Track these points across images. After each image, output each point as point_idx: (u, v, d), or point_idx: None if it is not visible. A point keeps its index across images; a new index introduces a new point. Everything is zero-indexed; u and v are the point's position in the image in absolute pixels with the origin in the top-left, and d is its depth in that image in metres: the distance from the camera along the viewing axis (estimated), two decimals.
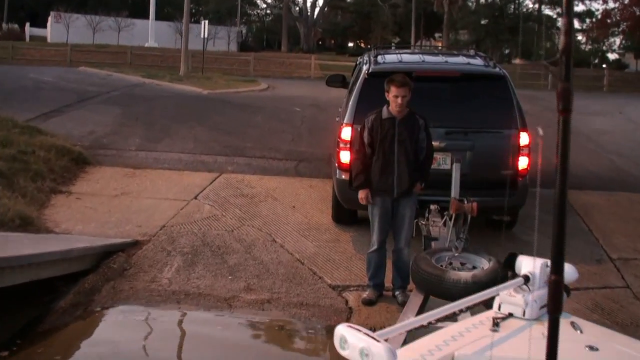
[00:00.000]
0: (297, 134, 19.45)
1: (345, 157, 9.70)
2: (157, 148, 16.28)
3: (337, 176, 10.11)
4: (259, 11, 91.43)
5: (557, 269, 1.43)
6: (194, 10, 78.23)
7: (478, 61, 11.01)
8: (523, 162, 9.88)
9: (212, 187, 12.96)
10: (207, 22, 44.97)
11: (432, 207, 8.59)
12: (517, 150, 9.81)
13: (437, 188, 8.62)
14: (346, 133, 9.79)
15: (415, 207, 8.42)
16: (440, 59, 11.77)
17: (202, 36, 43.24)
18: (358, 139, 8.45)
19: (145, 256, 9.52)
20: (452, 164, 8.88)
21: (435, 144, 8.77)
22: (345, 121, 9.95)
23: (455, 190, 8.16)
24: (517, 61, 67.09)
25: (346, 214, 10.75)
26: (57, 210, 11.35)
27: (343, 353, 2.76)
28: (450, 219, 7.75)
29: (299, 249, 10.01)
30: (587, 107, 29.10)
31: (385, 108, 8.22)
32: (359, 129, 8.59)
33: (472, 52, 12.18)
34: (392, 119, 8.16)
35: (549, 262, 3.04)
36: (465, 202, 7.79)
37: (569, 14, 1.10)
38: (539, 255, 3.61)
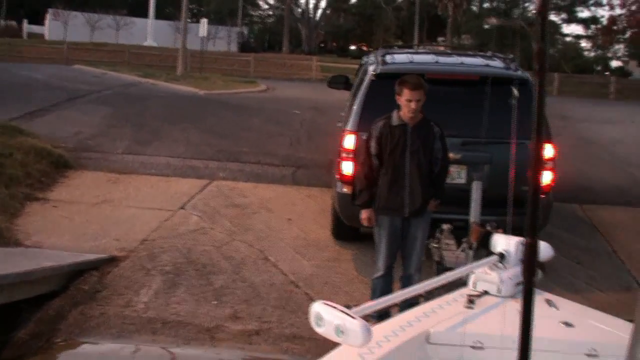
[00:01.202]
0: (296, 138, 18.51)
1: (347, 168, 8.68)
2: (146, 151, 15.29)
3: (338, 189, 9.09)
4: (261, 12, 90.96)
5: (531, 232, 1.36)
6: (195, 11, 77.75)
7: (497, 63, 9.98)
8: (547, 177, 8.89)
9: (202, 195, 11.97)
10: (206, 21, 44.22)
11: (445, 227, 7.49)
12: (541, 164, 8.78)
13: (450, 205, 7.57)
14: (349, 141, 8.76)
15: (428, 228, 7.41)
16: (455, 59, 10.69)
17: (200, 35, 42.44)
18: (363, 149, 7.44)
19: (121, 275, 8.49)
20: (469, 180, 7.89)
21: (450, 155, 7.75)
22: (348, 128, 8.91)
23: (475, 213, 7.04)
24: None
25: (347, 230, 9.69)
26: (31, 220, 10.33)
27: (319, 330, 2.75)
28: (471, 248, 6.67)
29: (294, 269, 8.99)
30: (598, 114, 28.39)
31: (395, 113, 7.21)
32: (364, 137, 7.57)
33: (489, 53, 11.13)
34: (403, 126, 7.16)
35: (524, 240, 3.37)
36: (489, 227, 6.78)
37: None
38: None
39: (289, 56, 62.02)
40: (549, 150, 8.85)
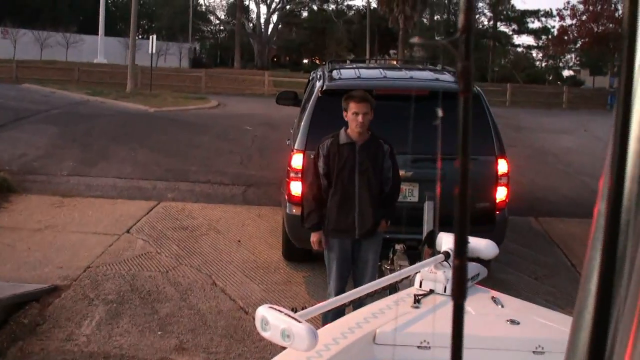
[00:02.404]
0: (247, 155, 18.24)
1: (296, 188, 8.41)
2: (92, 173, 14.94)
3: (288, 211, 8.81)
4: (212, 27, 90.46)
5: (460, 253, 1.11)
6: (146, 27, 77.23)
7: (447, 77, 9.76)
8: (501, 193, 8.72)
9: (148, 218, 11.63)
10: (154, 37, 43.90)
11: (398, 247, 7.24)
12: (495, 180, 8.62)
13: (403, 224, 7.31)
14: (297, 161, 8.48)
15: (379, 250, 7.13)
16: (404, 74, 10.48)
17: (150, 52, 42.06)
18: (311, 169, 7.18)
19: (63, 306, 8.09)
20: (421, 198, 7.64)
21: (401, 173, 7.49)
22: (296, 147, 8.63)
23: (426, 236, 6.82)
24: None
25: (299, 251, 9.40)
26: None
27: (265, 334, 2.72)
28: None
29: (243, 293, 8.66)
30: (551, 124, 28.52)
31: (343, 132, 6.95)
32: (312, 157, 7.29)
33: (439, 66, 10.92)
34: (351, 144, 6.90)
35: (469, 238, 3.03)
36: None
37: None
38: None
39: (240, 71, 61.73)
40: (502, 166, 8.67)
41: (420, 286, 3.80)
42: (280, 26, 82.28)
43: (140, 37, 61.90)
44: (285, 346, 2.72)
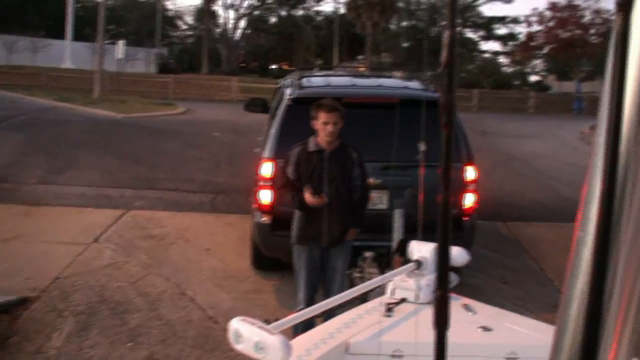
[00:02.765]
0: (215, 162, 18.20)
1: (265, 197, 8.38)
2: (59, 181, 14.82)
3: (257, 219, 8.77)
4: (180, 33, 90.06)
5: (441, 284, 1.18)
6: (114, 32, 76.66)
7: (416, 84, 9.78)
8: (470, 200, 8.74)
9: (116, 227, 11.54)
10: (122, 42, 43.64)
11: (367, 255, 7.23)
12: (463, 186, 8.65)
13: (372, 232, 7.30)
14: (266, 169, 8.45)
15: (348, 258, 7.12)
16: (373, 82, 10.50)
17: (117, 57, 41.81)
18: (282, 176, 7.14)
19: (32, 318, 7.98)
20: (390, 205, 7.65)
21: (370, 181, 7.49)
22: (265, 155, 8.60)
23: (397, 244, 6.80)
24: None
25: (268, 259, 9.37)
26: None
27: (238, 347, 2.69)
28: None
29: (212, 303, 8.60)
30: (518, 129, 28.63)
31: (312, 139, 6.95)
32: (281, 165, 7.27)
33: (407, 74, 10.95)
34: (320, 152, 6.90)
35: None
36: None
37: (452, 26, 1.06)
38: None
39: (208, 77, 61.49)
40: (471, 173, 8.70)
41: (393, 295, 3.78)
42: (248, 31, 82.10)
43: (108, 42, 61.49)
44: (258, 359, 2.67)
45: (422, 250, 3.78)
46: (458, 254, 4.03)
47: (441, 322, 0.99)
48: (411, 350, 3.07)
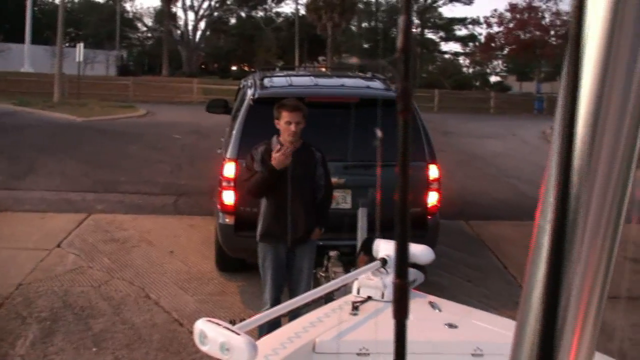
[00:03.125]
0: (177, 164, 18.10)
1: (229, 198, 8.36)
2: (20, 186, 14.66)
3: (220, 220, 8.73)
4: (139, 35, 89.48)
5: (400, 273, 1.08)
6: (73, 34, 76.10)
7: (378, 84, 9.80)
8: (433, 198, 8.79)
9: (79, 231, 11.43)
10: (82, 45, 43.29)
11: (332, 254, 7.23)
12: (426, 185, 8.68)
13: (336, 231, 7.30)
14: (229, 170, 8.42)
15: (313, 257, 7.11)
16: (335, 81, 10.51)
17: (77, 60, 41.47)
18: (247, 171, 7.08)
19: None
20: (354, 204, 7.64)
21: (333, 180, 7.49)
22: (228, 156, 8.57)
23: (362, 243, 6.81)
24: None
25: (232, 261, 9.33)
26: None
27: (203, 349, 2.71)
28: None
29: (177, 305, 8.54)
30: (479, 129, 28.81)
31: (275, 139, 6.92)
32: (244, 164, 7.23)
33: (369, 74, 10.96)
34: None
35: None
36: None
37: (408, 11, 0.96)
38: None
39: (169, 79, 61.23)
40: (433, 171, 8.73)
41: (358, 293, 3.79)
42: (208, 33, 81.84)
43: (67, 45, 60.94)
44: None
45: (386, 248, 3.81)
46: (423, 253, 4.06)
47: (401, 313, 1.08)
48: (377, 348, 3.08)
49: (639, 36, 0.85)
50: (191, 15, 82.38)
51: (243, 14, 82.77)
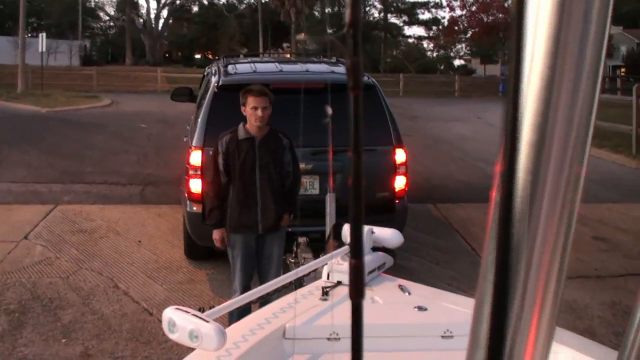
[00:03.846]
0: (143, 154, 18.01)
1: (195, 186, 8.33)
2: None
3: (188, 209, 8.71)
4: (102, 24, 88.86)
5: (356, 253, 0.96)
6: (35, 24, 75.37)
7: (342, 69, 9.80)
8: (400, 182, 8.82)
9: (46, 222, 11.35)
10: (44, 35, 42.86)
11: (301, 240, 7.24)
12: (394, 169, 8.70)
13: (305, 217, 7.30)
14: (196, 158, 8.40)
15: (283, 244, 7.11)
16: (300, 67, 10.50)
17: (40, 50, 41.06)
18: (211, 166, 7.09)
19: None
20: (322, 190, 7.66)
21: (301, 166, 7.50)
22: (194, 144, 8.54)
23: (331, 228, 6.81)
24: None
25: (201, 249, 9.30)
26: None
27: (172, 337, 2.71)
28: None
29: (146, 295, 8.52)
30: (444, 113, 28.90)
31: (241, 127, 6.90)
32: (211, 153, 7.22)
33: (334, 59, 10.95)
34: (251, 139, 6.85)
35: (374, 228, 4.03)
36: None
37: None
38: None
39: (133, 68, 60.92)
40: (400, 155, 8.76)
41: (328, 278, 3.81)
42: (171, 21, 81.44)
43: (29, 35, 60.41)
44: (193, 347, 2.70)
45: None
46: (391, 236, 4.14)
47: (357, 294, 0.97)
48: (347, 333, 3.04)
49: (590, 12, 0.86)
50: (153, 4, 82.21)
51: (205, 1, 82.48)
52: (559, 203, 0.86)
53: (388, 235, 4.20)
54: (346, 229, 4.00)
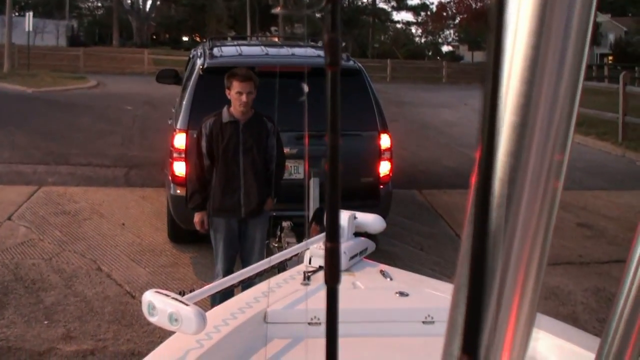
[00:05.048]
0: (128, 136, 17.97)
1: (179, 169, 8.31)
2: None
3: (172, 192, 8.69)
4: (89, 4, 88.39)
5: (332, 237, 0.95)
6: (22, 3, 74.93)
7: None
8: (385, 168, 8.82)
9: (29, 204, 11.30)
10: (31, 14, 42.62)
11: (285, 224, 7.24)
12: (378, 155, 8.70)
13: (289, 201, 7.28)
14: (180, 140, 8.37)
15: (266, 228, 7.10)
16: (285, 51, 10.46)
17: (27, 30, 40.82)
18: (194, 149, 7.08)
19: None
20: (309, 178, 7.62)
21: (285, 150, 7.48)
22: (178, 126, 8.51)
23: (314, 213, 6.80)
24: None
25: (185, 232, 9.26)
26: None
27: (152, 320, 2.71)
28: None
29: (129, 278, 8.50)
30: (432, 99, 28.91)
31: (226, 110, 6.88)
32: (194, 136, 7.19)
33: (320, 43, 10.91)
34: (235, 122, 6.83)
35: (356, 213, 4.05)
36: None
37: None
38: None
39: (120, 49, 60.65)
40: (385, 141, 8.75)
41: (310, 263, 3.78)
42: (158, 3, 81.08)
43: (16, 14, 59.97)
44: (173, 330, 2.69)
45: (340, 218, 3.75)
46: (374, 221, 4.12)
47: (332, 277, 0.95)
48: None
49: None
50: None
51: None
52: (541, 187, 0.84)
53: (370, 220, 4.20)
54: None
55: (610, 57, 69.85)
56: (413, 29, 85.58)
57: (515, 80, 0.80)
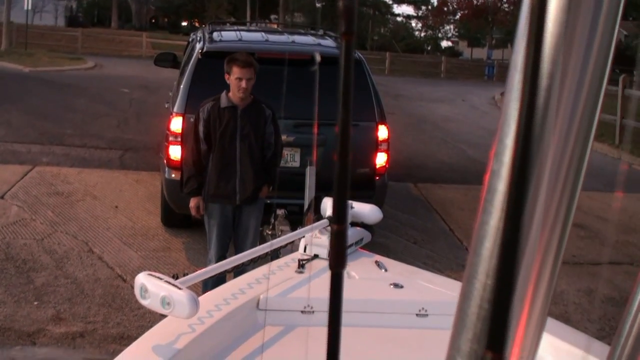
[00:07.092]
0: (124, 118, 17.91)
1: (175, 153, 8.27)
2: None
3: (167, 176, 8.64)
4: None
5: (339, 219, 0.92)
6: None
7: (329, 42, 9.73)
8: (381, 159, 8.80)
9: (22, 183, 11.25)
10: None
11: (279, 212, 7.18)
12: (375, 146, 8.67)
13: (284, 189, 7.24)
14: (176, 124, 8.32)
15: (261, 215, 7.07)
16: (286, 38, 10.40)
17: (25, 8, 40.63)
18: (191, 133, 7.02)
19: None
20: (303, 163, 7.61)
21: (283, 138, 7.44)
22: (175, 110, 8.46)
23: (310, 202, 6.76)
24: None
25: (178, 217, 9.23)
26: None
27: (144, 303, 2.69)
28: None
29: (120, 261, 8.45)
30: (430, 93, 28.88)
31: (224, 95, 6.82)
32: (192, 120, 7.14)
33: (321, 31, 10.87)
34: (233, 107, 6.79)
35: (353, 203, 3.99)
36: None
37: None
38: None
39: (118, 32, 60.39)
40: (383, 132, 8.72)
41: (305, 251, 3.80)
42: None
43: None
44: (165, 314, 2.68)
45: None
46: (371, 212, 4.10)
47: (337, 262, 0.97)
48: (322, 306, 3.05)
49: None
50: None
51: None
52: (559, 189, 0.83)
53: (367, 210, 4.16)
54: (325, 203, 3.99)
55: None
56: (413, 23, 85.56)
57: (542, 85, 0.78)
